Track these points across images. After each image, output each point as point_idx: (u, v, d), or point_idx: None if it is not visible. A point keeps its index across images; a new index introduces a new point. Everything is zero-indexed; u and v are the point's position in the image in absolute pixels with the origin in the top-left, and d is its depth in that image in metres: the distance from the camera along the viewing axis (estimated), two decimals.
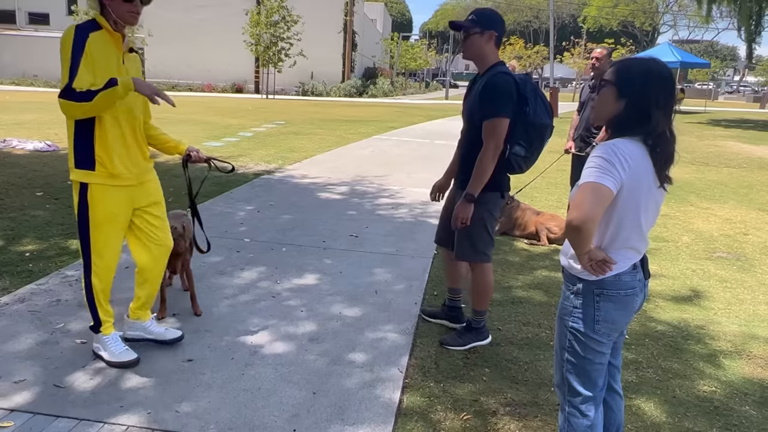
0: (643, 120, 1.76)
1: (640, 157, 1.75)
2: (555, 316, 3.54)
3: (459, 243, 3.07)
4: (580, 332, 1.87)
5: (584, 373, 1.91)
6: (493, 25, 2.85)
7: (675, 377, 2.95)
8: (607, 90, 1.82)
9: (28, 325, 3.14)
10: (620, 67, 1.83)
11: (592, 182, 1.70)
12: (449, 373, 2.90)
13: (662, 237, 5.52)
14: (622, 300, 1.84)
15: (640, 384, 2.87)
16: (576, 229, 1.68)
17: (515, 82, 2.80)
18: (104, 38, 2.52)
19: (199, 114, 16.50)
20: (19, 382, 2.59)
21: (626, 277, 1.83)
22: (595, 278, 1.81)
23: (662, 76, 1.77)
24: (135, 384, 2.63)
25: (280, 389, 2.64)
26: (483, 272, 3.09)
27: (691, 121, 20.98)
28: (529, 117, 2.81)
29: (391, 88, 36.82)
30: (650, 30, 61.50)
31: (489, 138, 2.81)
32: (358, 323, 3.37)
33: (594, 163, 1.73)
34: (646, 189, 1.78)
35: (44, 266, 4.01)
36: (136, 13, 2.53)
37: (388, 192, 6.95)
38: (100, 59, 2.48)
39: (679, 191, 7.80)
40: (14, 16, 39.01)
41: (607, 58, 5.06)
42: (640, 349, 3.24)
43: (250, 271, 4.12)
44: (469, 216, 2.88)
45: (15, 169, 7.35)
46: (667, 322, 3.61)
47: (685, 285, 4.28)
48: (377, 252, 4.66)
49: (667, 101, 1.76)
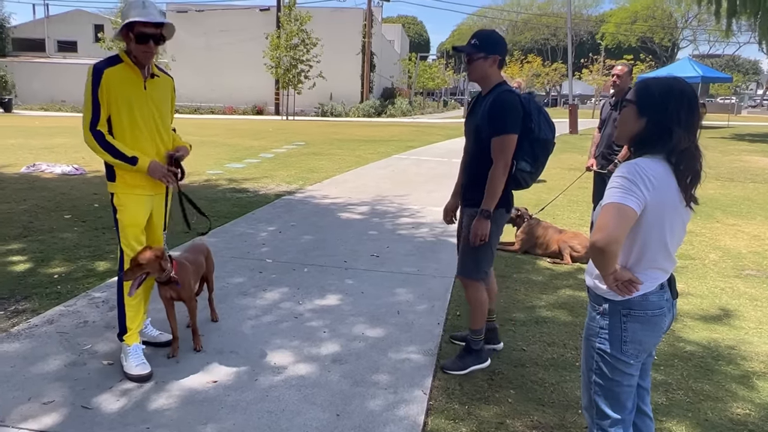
0: (664, 138, 1.75)
1: (664, 176, 1.75)
2: (581, 337, 3.49)
3: (464, 259, 3.07)
4: (607, 353, 1.85)
5: (613, 395, 1.88)
6: (495, 49, 2.91)
7: (706, 399, 2.87)
8: (628, 109, 1.83)
9: (57, 346, 3.19)
10: (641, 86, 1.84)
11: (615, 203, 1.70)
12: (474, 394, 2.86)
13: (689, 255, 5.42)
14: (650, 320, 1.82)
15: (671, 406, 2.80)
16: (600, 251, 1.68)
17: (520, 100, 2.86)
18: (123, 71, 2.84)
19: (221, 136, 16.78)
20: (48, 403, 2.63)
21: (653, 297, 1.81)
22: (622, 298, 1.80)
23: (683, 93, 1.77)
24: (161, 405, 2.65)
25: (304, 411, 2.64)
26: (477, 290, 3.08)
27: (714, 136, 20.70)
28: (534, 133, 2.88)
29: (410, 108, 37.05)
30: (670, 45, 61.13)
31: (498, 154, 2.85)
32: (381, 344, 3.36)
33: (617, 183, 1.73)
34: (671, 208, 1.77)
35: (72, 288, 4.09)
36: (149, 53, 2.83)
37: (408, 211, 6.95)
38: (117, 90, 2.81)
39: (704, 207, 7.67)
40: (44, 44, 40.36)
41: (627, 75, 5.05)
42: (669, 370, 3.16)
43: (272, 291, 4.14)
44: (487, 232, 2.89)
45: (44, 192, 7.53)
46: (697, 342, 3.53)
47: (714, 304, 4.18)
48: (398, 272, 4.66)
49: (689, 118, 1.75)
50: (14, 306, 3.74)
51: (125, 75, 2.84)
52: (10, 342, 3.22)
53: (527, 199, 7.08)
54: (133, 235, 2.99)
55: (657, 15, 59.02)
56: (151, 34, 2.78)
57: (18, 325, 3.43)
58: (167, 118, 3.08)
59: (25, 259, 4.69)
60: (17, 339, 3.26)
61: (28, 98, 33.90)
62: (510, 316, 3.83)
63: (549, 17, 66.34)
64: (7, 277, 4.25)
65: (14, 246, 5.05)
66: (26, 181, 8.41)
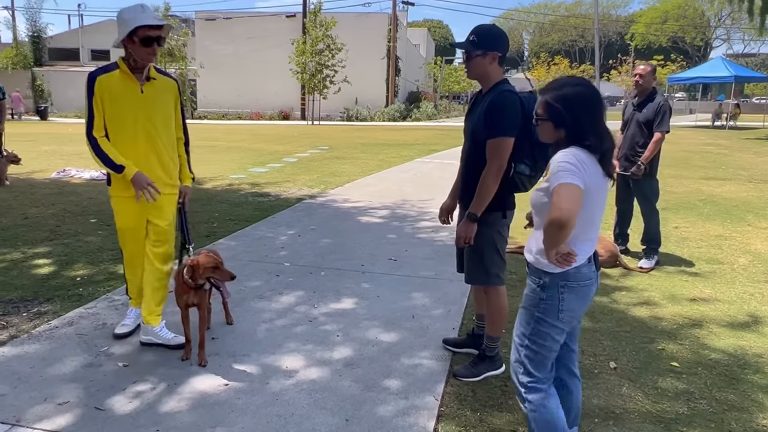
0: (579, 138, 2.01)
1: (587, 158, 1.97)
2: (599, 343, 3.40)
3: (470, 267, 3.00)
4: (545, 321, 2.07)
5: (540, 358, 2.12)
6: (494, 46, 2.79)
7: (731, 409, 2.76)
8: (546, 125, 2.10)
9: (75, 348, 3.24)
10: (548, 104, 2.07)
11: (566, 183, 1.87)
12: (486, 401, 2.80)
13: (717, 259, 5.25)
14: (582, 290, 2.05)
15: (693, 416, 2.69)
16: (562, 225, 1.80)
17: (521, 101, 2.75)
18: (117, 78, 3.03)
19: (247, 141, 16.99)
20: (63, 404, 2.67)
21: (584, 269, 2.04)
22: (560, 271, 2.00)
23: (585, 98, 2.02)
24: (172, 408, 2.66)
25: (313, 415, 2.62)
26: (498, 296, 3.00)
27: (749, 137, 20.10)
28: (535, 136, 2.73)
29: (435, 112, 36.96)
30: (702, 45, 59.71)
31: (492, 157, 2.75)
32: (394, 349, 3.32)
33: (562, 167, 1.92)
34: (598, 185, 1.99)
35: (93, 290, 4.16)
36: (154, 54, 3.00)
37: (429, 215, 6.90)
38: (111, 96, 3.01)
39: (736, 210, 7.43)
40: (78, 53, 41.56)
41: (651, 75, 4.92)
42: (692, 378, 3.05)
43: (288, 295, 4.14)
44: (472, 236, 2.81)
45: (71, 197, 7.72)
46: (722, 349, 3.40)
47: (742, 310, 4.03)
48: (416, 276, 4.62)
49: (593, 119, 2.01)
50: (37, 308, 3.82)
51: (119, 81, 3.02)
52: (31, 343, 3.28)
53: None
54: (128, 237, 3.24)
55: (689, 14, 57.75)
56: (155, 37, 2.95)
57: (39, 327, 3.50)
58: (168, 120, 3.20)
59: (50, 262, 4.80)
60: (38, 340, 3.32)
61: (63, 106, 34.95)
62: None
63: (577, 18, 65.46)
64: (32, 280, 4.36)
65: (40, 249, 5.18)
66: (56, 186, 8.63)
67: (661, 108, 4.80)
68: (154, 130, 3.12)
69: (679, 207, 7.55)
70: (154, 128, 3.12)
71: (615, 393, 2.89)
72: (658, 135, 4.79)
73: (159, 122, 3.13)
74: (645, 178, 4.93)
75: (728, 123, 26.00)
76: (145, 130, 3.09)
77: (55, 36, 42.26)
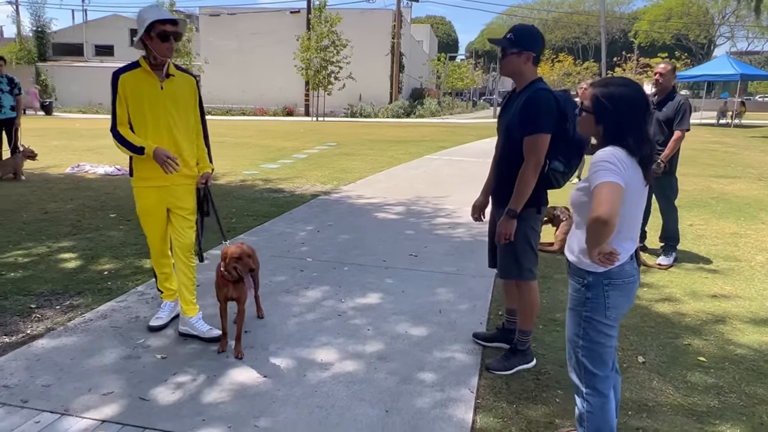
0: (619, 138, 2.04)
1: (628, 159, 1.99)
2: (625, 337, 3.45)
3: (503, 262, 3.05)
4: (594, 320, 2.10)
5: (598, 356, 2.13)
6: (530, 45, 2.84)
7: (761, 403, 2.81)
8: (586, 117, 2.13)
9: (111, 340, 3.30)
10: (595, 100, 2.10)
11: (608, 182, 1.89)
12: (521, 394, 2.86)
13: (735, 256, 5.30)
14: (626, 287, 2.08)
15: (724, 410, 2.75)
16: (605, 223, 1.83)
17: (555, 99, 2.79)
18: (139, 75, 3.16)
19: (254, 137, 17.03)
20: (108, 394, 2.73)
21: (627, 267, 2.07)
22: (604, 270, 2.03)
23: (632, 100, 2.03)
24: (214, 398, 2.72)
25: (354, 407, 2.67)
26: (530, 290, 3.05)
27: (755, 135, 20.12)
28: (569, 133, 2.80)
29: (438, 108, 36.96)
30: (706, 42, 59.58)
31: (530, 154, 2.80)
32: (425, 342, 3.38)
33: (602, 167, 1.95)
34: (637, 185, 2.02)
35: (122, 284, 4.21)
36: (171, 49, 3.14)
37: (443, 211, 6.96)
38: (134, 92, 3.15)
39: (748, 209, 7.47)
40: (82, 49, 41.56)
41: (671, 74, 4.96)
42: (720, 373, 3.10)
43: (314, 290, 4.20)
44: (513, 232, 2.87)
45: (89, 192, 7.77)
46: (748, 345, 3.45)
47: (763, 306, 4.08)
48: (438, 271, 4.67)
49: (637, 120, 2.03)
50: (69, 301, 3.88)
51: (141, 78, 3.16)
52: (68, 335, 3.34)
53: (564, 199, 7.00)
54: (150, 225, 3.39)
55: (692, 11, 57.63)
56: (171, 32, 3.10)
57: (74, 320, 3.56)
58: (186, 115, 3.32)
59: (76, 256, 4.86)
60: (74, 333, 3.38)
61: (67, 101, 34.96)
62: (553, 316, 3.81)
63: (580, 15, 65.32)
64: (61, 273, 4.41)
65: (65, 243, 5.23)
66: (71, 181, 8.68)
67: (682, 106, 4.84)
68: (173, 124, 3.25)
69: (692, 205, 7.60)
70: (174, 122, 3.25)
71: (646, 387, 2.95)
72: (678, 133, 4.84)
73: (178, 116, 3.26)
74: (664, 176, 4.97)
75: (733, 121, 26.01)
76: (165, 123, 3.23)
77: (59, 31, 42.25)
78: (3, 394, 2.69)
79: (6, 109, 8.41)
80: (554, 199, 3.38)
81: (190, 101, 3.35)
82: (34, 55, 38.56)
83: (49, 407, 2.60)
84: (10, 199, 7.14)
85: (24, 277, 4.31)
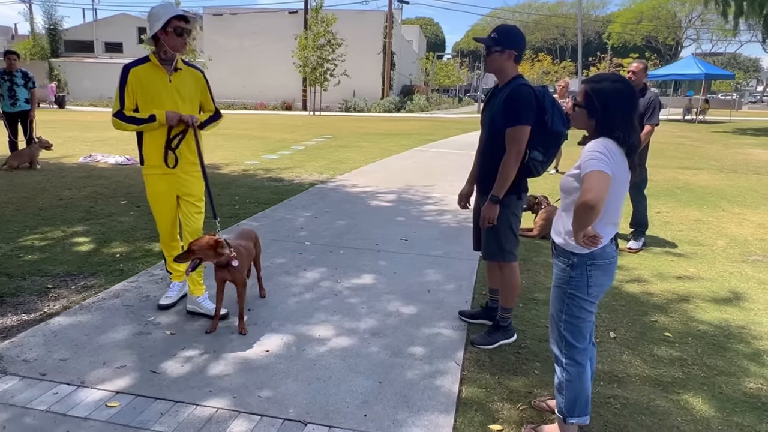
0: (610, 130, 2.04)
1: (616, 149, 2.01)
2: (597, 314, 3.48)
3: (487, 244, 3.06)
4: (577, 297, 2.13)
5: (578, 330, 2.16)
6: (512, 44, 2.86)
7: (720, 374, 2.86)
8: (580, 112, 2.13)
9: (124, 318, 3.29)
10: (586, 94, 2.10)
11: (598, 170, 1.91)
12: (503, 366, 2.88)
13: (697, 241, 5.35)
14: (608, 267, 2.11)
15: (687, 380, 2.79)
16: (591, 208, 1.84)
17: (535, 94, 2.80)
18: (149, 69, 3.12)
19: (255, 130, 16.89)
20: (121, 367, 2.72)
21: (609, 249, 2.10)
22: (588, 251, 2.05)
23: (623, 95, 2.03)
24: (220, 371, 2.72)
25: (349, 378, 2.68)
26: (511, 271, 3.08)
27: (717, 131, 20.23)
28: (547, 125, 2.83)
29: (427, 104, 36.80)
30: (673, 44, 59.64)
31: (512, 144, 2.81)
32: (415, 320, 3.39)
33: (594, 156, 1.96)
34: (622, 175, 2.03)
35: (133, 266, 4.18)
36: (184, 44, 3.13)
37: (432, 199, 6.95)
38: (142, 86, 3.10)
39: (710, 197, 7.54)
40: (92, 45, 40.89)
41: (643, 72, 4.95)
42: (684, 347, 3.14)
43: (312, 271, 4.19)
44: (495, 216, 2.89)
45: (101, 180, 7.68)
46: (709, 322, 3.50)
47: (723, 287, 4.13)
48: (426, 254, 4.68)
49: (624, 113, 2.02)
50: (83, 281, 3.85)
51: (151, 71, 3.12)
52: (84, 313, 3.32)
53: (544, 187, 7.02)
54: (160, 210, 3.35)
55: (662, 15, 57.54)
56: (185, 28, 3.09)
57: (88, 299, 3.54)
58: (193, 106, 3.30)
59: (89, 240, 4.81)
60: (89, 311, 3.36)
61: (78, 95, 34.45)
62: (533, 295, 3.83)
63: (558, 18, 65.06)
64: (75, 256, 4.37)
65: (79, 228, 5.18)
66: (84, 170, 8.58)
67: (652, 102, 4.85)
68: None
69: (659, 194, 7.65)
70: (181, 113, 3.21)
71: (617, 359, 2.98)
72: (648, 127, 4.84)
73: (184, 108, 3.22)
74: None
75: (698, 117, 26.12)
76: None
77: (70, 29, 41.50)
78: (22, 368, 2.68)
79: (21, 102, 8.27)
80: (533, 187, 3.38)
81: (197, 93, 3.31)
82: (47, 51, 37.87)
83: (66, 380, 2.59)
84: (27, 187, 7.05)
85: (41, 259, 4.27)
